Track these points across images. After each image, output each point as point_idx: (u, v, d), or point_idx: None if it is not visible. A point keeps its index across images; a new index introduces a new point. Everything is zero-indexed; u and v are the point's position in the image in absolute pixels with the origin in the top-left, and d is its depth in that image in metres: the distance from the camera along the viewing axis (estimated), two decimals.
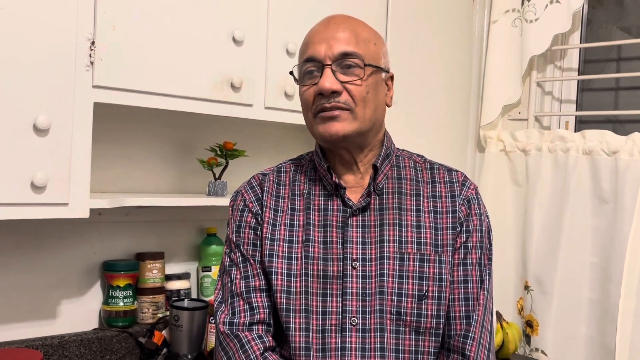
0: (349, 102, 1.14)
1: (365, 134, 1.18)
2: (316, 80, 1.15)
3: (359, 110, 1.15)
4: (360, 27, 1.19)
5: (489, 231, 1.25)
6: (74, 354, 1.60)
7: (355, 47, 1.15)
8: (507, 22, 2.41)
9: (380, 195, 1.21)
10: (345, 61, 1.14)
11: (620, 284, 1.98)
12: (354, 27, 1.18)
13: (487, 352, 1.18)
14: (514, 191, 2.36)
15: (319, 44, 1.15)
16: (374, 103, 1.17)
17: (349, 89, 1.14)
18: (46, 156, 1.32)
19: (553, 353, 2.18)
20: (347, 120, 1.14)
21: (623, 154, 2.03)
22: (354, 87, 1.14)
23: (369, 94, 1.16)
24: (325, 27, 1.17)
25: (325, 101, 1.14)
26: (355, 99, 1.14)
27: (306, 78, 1.18)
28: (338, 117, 1.14)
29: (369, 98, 1.16)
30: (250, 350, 1.13)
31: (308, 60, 1.17)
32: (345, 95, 1.14)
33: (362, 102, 1.15)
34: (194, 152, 1.87)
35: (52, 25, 1.32)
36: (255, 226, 1.22)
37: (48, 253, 1.63)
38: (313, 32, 1.19)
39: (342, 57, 1.14)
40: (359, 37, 1.16)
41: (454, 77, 2.49)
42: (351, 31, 1.16)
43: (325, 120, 1.15)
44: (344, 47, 1.14)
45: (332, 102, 1.13)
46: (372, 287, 1.15)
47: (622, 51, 2.34)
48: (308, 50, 1.17)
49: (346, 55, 1.14)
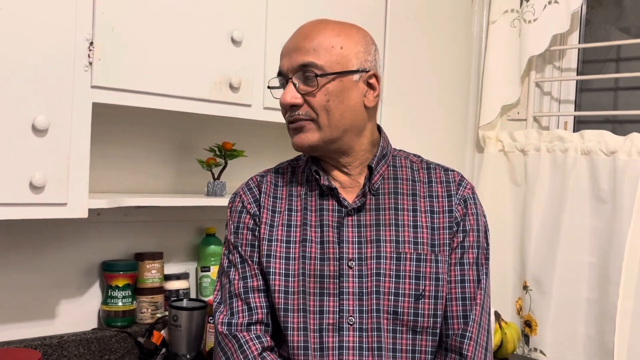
0: (310, 112, 1.16)
1: (337, 141, 1.18)
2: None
3: (321, 119, 1.16)
4: (324, 34, 1.16)
5: (486, 231, 1.26)
6: (73, 353, 1.60)
7: (313, 57, 1.14)
8: (506, 22, 2.41)
9: (376, 196, 1.21)
10: (305, 72, 1.15)
11: (618, 284, 1.98)
12: (317, 34, 1.16)
13: (485, 352, 1.19)
14: (512, 191, 2.36)
15: (284, 57, 1.19)
16: (340, 109, 1.16)
17: (308, 100, 1.15)
18: (45, 156, 1.32)
19: (552, 353, 2.18)
20: (310, 131, 1.17)
21: (621, 154, 2.03)
22: (312, 98, 1.15)
23: (330, 102, 1.15)
24: (292, 38, 1.19)
25: (289, 114, 1.18)
26: (315, 109, 1.16)
27: (279, 91, 1.21)
28: (303, 127, 1.17)
29: (331, 106, 1.15)
30: (248, 350, 1.13)
31: (278, 74, 1.20)
32: (305, 107, 1.16)
33: (324, 110, 1.15)
34: (193, 152, 1.87)
35: (51, 26, 1.32)
36: (253, 227, 1.22)
37: (47, 253, 1.63)
38: (284, 45, 1.21)
39: (300, 69, 1.15)
40: (320, 45, 1.15)
41: (452, 77, 2.49)
42: (311, 40, 1.15)
43: (294, 131, 1.19)
44: (302, 58, 1.15)
45: (294, 114, 1.17)
46: (369, 287, 1.15)
47: (620, 51, 2.34)
48: (279, 64, 1.20)
49: (304, 66, 1.15)
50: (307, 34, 1.17)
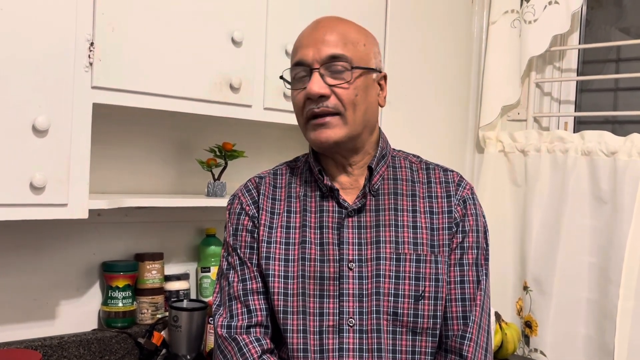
0: (338, 106, 1.14)
1: (357, 138, 1.18)
2: (306, 84, 1.15)
3: (348, 114, 1.15)
4: (348, 29, 1.18)
5: (485, 231, 1.26)
6: (73, 354, 1.60)
7: (343, 50, 1.14)
8: (506, 22, 2.41)
9: (376, 197, 1.21)
10: (333, 64, 1.14)
11: (619, 284, 1.98)
12: (343, 29, 1.17)
13: (485, 353, 1.19)
14: (512, 192, 2.36)
15: (307, 47, 1.15)
16: (364, 105, 1.17)
17: (337, 92, 1.14)
18: (45, 157, 1.32)
19: (552, 353, 2.18)
20: (337, 127, 1.15)
21: (622, 154, 2.03)
22: (342, 91, 1.14)
23: (358, 96, 1.15)
24: (314, 31, 1.17)
25: (314, 105, 1.14)
26: (344, 102, 1.14)
27: (296, 82, 1.18)
28: (328, 123, 1.14)
29: (358, 100, 1.15)
30: (248, 353, 1.13)
31: (298, 65, 1.17)
32: (334, 99, 1.14)
33: (352, 105, 1.15)
34: (193, 152, 1.87)
35: (52, 26, 1.32)
36: (252, 229, 1.22)
37: (47, 254, 1.63)
38: (302, 36, 1.19)
39: (329, 60, 1.14)
40: (347, 39, 1.16)
41: (453, 77, 2.49)
42: (339, 33, 1.16)
43: (316, 127, 1.15)
44: (332, 50, 1.14)
45: (321, 106, 1.14)
46: (369, 288, 1.15)
47: (621, 52, 2.34)
48: (297, 54, 1.17)
49: (334, 58, 1.14)
50: (331, 27, 1.17)
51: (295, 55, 1.18)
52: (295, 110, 1.21)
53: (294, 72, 1.18)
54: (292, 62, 1.19)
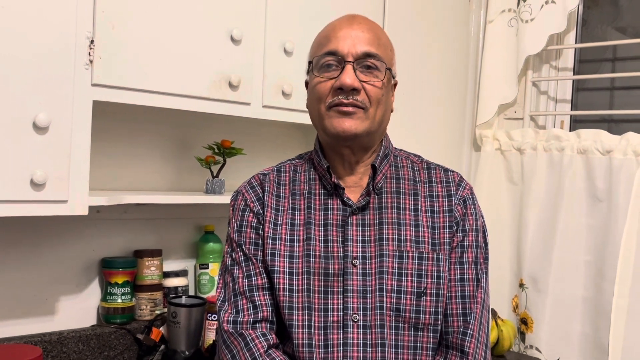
0: (365, 101, 1.16)
1: (372, 135, 1.20)
2: (334, 74, 1.16)
3: (372, 110, 1.17)
4: (381, 32, 1.22)
5: (484, 231, 1.27)
6: (72, 350, 1.61)
7: (378, 49, 1.17)
8: (503, 22, 2.42)
9: (380, 195, 1.22)
10: (367, 61, 1.16)
11: (614, 282, 2.00)
12: (376, 30, 1.21)
13: (485, 349, 1.21)
14: (509, 190, 2.38)
15: (343, 39, 1.16)
16: (385, 106, 1.21)
17: (367, 88, 1.16)
18: (46, 154, 1.33)
19: (547, 350, 2.20)
20: (360, 119, 1.16)
21: (617, 153, 2.04)
22: (372, 88, 1.16)
23: (384, 96, 1.19)
24: (349, 24, 1.18)
25: (343, 96, 1.15)
26: (371, 99, 1.16)
27: (323, 70, 1.18)
28: (353, 114, 1.15)
29: (383, 100, 1.18)
30: (254, 348, 1.14)
31: (329, 54, 1.17)
32: (363, 94, 1.16)
33: (377, 103, 1.17)
34: (192, 150, 1.88)
35: (52, 24, 1.33)
36: (256, 225, 1.23)
37: (47, 250, 1.64)
38: (335, 27, 1.20)
39: (364, 57, 1.16)
40: (380, 40, 1.19)
41: (450, 76, 2.50)
42: (374, 33, 1.19)
43: (340, 114, 1.16)
44: (368, 47, 1.16)
45: (351, 98, 1.15)
46: (372, 285, 1.16)
47: (617, 51, 2.36)
48: (330, 44, 1.17)
49: (369, 55, 1.16)
50: (367, 25, 1.19)
51: (326, 44, 1.18)
52: (314, 99, 1.20)
53: (322, 60, 1.18)
54: (322, 50, 1.19)
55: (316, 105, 1.20)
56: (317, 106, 1.19)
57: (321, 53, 1.19)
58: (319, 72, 1.19)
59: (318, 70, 1.19)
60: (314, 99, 1.21)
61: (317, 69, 1.19)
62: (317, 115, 1.21)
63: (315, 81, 1.19)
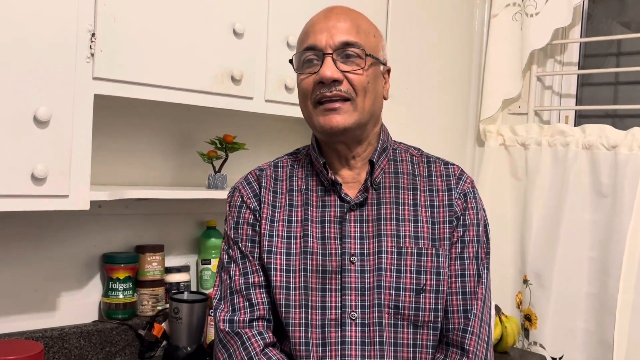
0: (350, 91, 1.14)
1: (364, 126, 1.18)
2: (316, 69, 1.14)
3: (359, 100, 1.14)
4: (360, 19, 1.19)
5: (486, 225, 1.25)
6: (73, 345, 1.60)
7: (356, 37, 1.15)
8: (508, 16, 2.41)
9: (378, 190, 1.21)
10: (346, 51, 1.14)
11: (618, 278, 1.99)
12: (355, 18, 1.18)
13: (486, 346, 1.19)
14: (513, 185, 2.37)
15: (320, 33, 1.15)
16: (374, 94, 1.17)
17: (350, 78, 1.13)
18: (46, 148, 1.32)
19: (551, 346, 2.19)
20: (347, 112, 1.14)
21: (622, 148, 2.03)
22: (355, 77, 1.14)
23: (369, 84, 1.15)
24: (326, 17, 1.17)
25: (326, 89, 1.13)
26: (356, 88, 1.14)
27: (305, 67, 1.17)
28: (339, 109, 1.13)
29: (369, 88, 1.16)
30: (250, 347, 1.13)
31: (308, 49, 1.16)
32: (346, 85, 1.13)
33: (363, 92, 1.15)
34: (194, 145, 1.87)
35: (53, 17, 1.31)
36: (253, 222, 1.21)
37: (48, 245, 1.63)
38: (313, 22, 1.18)
39: (343, 47, 1.14)
40: (359, 27, 1.16)
41: (454, 71, 2.49)
42: (352, 21, 1.16)
43: (326, 112, 1.14)
44: (345, 36, 1.14)
45: (333, 90, 1.13)
46: (371, 282, 1.15)
47: (622, 46, 2.34)
48: (308, 39, 1.16)
49: (347, 44, 1.14)
50: (344, 14, 1.17)
51: (305, 40, 1.17)
52: (301, 96, 1.19)
53: (303, 56, 1.17)
54: (302, 47, 1.18)
55: (304, 102, 1.19)
56: (305, 103, 1.18)
57: (301, 49, 1.18)
58: (302, 69, 1.18)
59: (301, 67, 1.18)
60: (301, 97, 1.20)
61: (300, 66, 1.18)
62: (306, 114, 1.20)
63: (299, 79, 1.19)
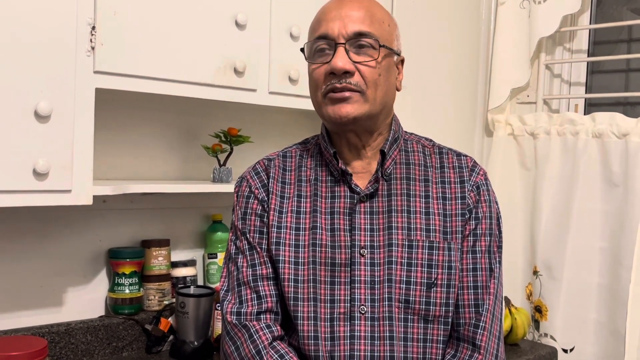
0: (360, 83, 1.11)
1: (375, 118, 1.16)
2: (327, 58, 1.12)
3: (370, 92, 1.12)
4: (374, 6, 1.15)
5: (499, 218, 1.23)
6: (80, 341, 1.60)
7: (370, 27, 1.11)
8: (515, 3, 2.38)
9: (389, 181, 1.18)
10: (359, 41, 1.11)
11: (630, 269, 1.96)
12: (369, 5, 1.14)
13: (497, 341, 1.17)
14: (522, 175, 2.34)
15: (333, 21, 1.12)
16: (385, 86, 1.15)
17: (361, 70, 1.11)
18: (48, 143, 1.31)
19: (562, 338, 2.17)
20: (358, 103, 1.11)
21: (634, 136, 2.00)
22: (367, 69, 1.11)
23: (381, 76, 1.13)
24: (339, 5, 1.14)
25: (336, 81, 1.11)
26: (366, 80, 1.11)
27: (317, 56, 1.14)
28: (349, 98, 1.11)
29: (381, 81, 1.13)
30: (258, 340, 1.12)
31: (320, 38, 1.13)
32: (357, 77, 1.11)
33: (374, 84, 1.12)
34: (198, 138, 1.86)
35: (52, 10, 1.30)
36: (261, 213, 1.19)
37: (53, 240, 1.62)
38: (326, 9, 1.15)
39: (356, 37, 1.11)
40: (373, 17, 1.13)
41: (461, 60, 2.46)
42: (366, 10, 1.13)
43: (335, 101, 1.12)
44: (359, 26, 1.11)
45: (344, 82, 1.10)
46: (381, 275, 1.13)
47: (632, 32, 2.30)
48: (321, 28, 1.13)
49: (360, 35, 1.11)
50: (358, 2, 1.13)
51: (317, 28, 1.14)
52: (312, 85, 1.17)
53: (314, 45, 1.14)
54: (314, 35, 1.15)
55: (314, 92, 1.16)
56: (315, 94, 1.16)
57: (313, 38, 1.15)
58: (313, 58, 1.15)
59: (312, 56, 1.15)
60: (311, 87, 1.17)
61: (311, 55, 1.15)
62: (316, 104, 1.17)
63: (311, 68, 1.16)
